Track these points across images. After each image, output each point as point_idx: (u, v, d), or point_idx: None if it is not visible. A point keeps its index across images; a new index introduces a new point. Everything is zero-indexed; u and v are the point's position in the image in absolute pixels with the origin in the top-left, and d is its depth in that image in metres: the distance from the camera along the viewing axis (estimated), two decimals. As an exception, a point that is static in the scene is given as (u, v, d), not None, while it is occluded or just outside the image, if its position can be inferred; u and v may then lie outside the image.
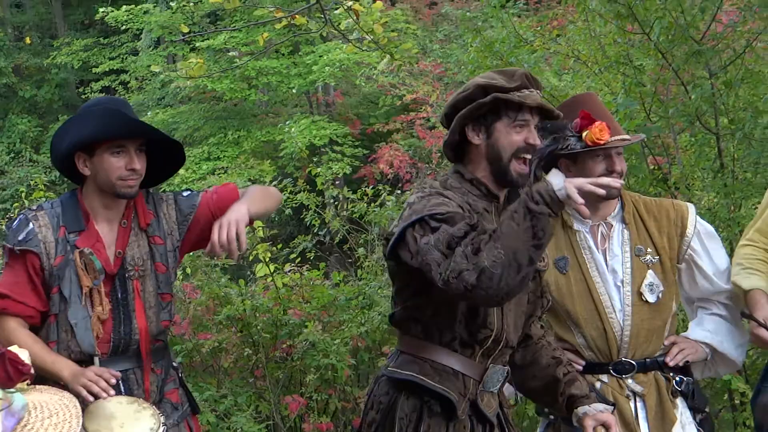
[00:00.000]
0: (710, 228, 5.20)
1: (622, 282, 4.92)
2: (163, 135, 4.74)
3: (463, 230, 3.98)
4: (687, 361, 5.01)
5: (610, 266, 4.95)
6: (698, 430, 4.96)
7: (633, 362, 4.88)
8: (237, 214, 4.46)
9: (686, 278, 5.05)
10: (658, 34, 9.45)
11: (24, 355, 2.99)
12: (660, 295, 4.91)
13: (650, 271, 4.92)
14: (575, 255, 4.95)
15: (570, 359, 4.77)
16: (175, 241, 4.74)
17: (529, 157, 4.25)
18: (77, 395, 4.04)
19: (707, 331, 5.03)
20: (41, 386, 3.19)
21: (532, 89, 4.28)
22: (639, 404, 4.90)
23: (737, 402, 9.18)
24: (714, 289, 5.05)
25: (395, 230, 4.22)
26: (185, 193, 4.92)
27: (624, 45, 9.88)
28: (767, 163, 9.16)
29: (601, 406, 4.42)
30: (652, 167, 9.35)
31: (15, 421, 2.21)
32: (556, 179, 3.96)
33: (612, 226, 4.98)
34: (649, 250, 4.94)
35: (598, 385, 4.94)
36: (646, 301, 4.90)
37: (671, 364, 4.95)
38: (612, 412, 4.52)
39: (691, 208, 5.12)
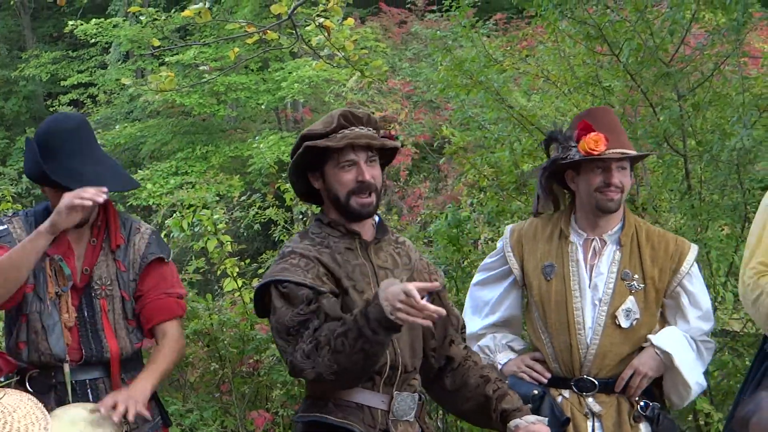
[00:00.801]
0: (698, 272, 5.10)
1: (600, 301, 4.88)
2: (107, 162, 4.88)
3: (298, 319, 4.15)
4: (650, 386, 4.96)
5: (593, 283, 4.92)
6: None
7: (595, 381, 4.85)
8: (140, 395, 4.48)
9: (670, 314, 5.00)
10: (627, 55, 9.44)
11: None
12: (634, 322, 4.87)
13: (631, 297, 4.88)
14: (563, 265, 4.93)
15: (534, 370, 4.92)
16: (135, 274, 4.70)
17: (364, 194, 4.31)
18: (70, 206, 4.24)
19: (671, 340, 4.92)
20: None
21: (352, 127, 4.29)
22: (597, 424, 4.85)
23: (702, 423, 9.12)
24: (693, 329, 4.98)
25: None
26: (157, 239, 4.91)
27: (593, 66, 9.86)
28: (734, 185, 9.11)
29: (533, 418, 4.37)
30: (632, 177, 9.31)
31: None
32: (384, 302, 3.90)
33: (606, 244, 4.95)
34: (636, 276, 4.90)
35: (559, 399, 4.92)
36: (619, 325, 4.85)
37: (633, 396, 4.93)
38: (563, 425, 4.67)
39: (693, 249, 5.08)
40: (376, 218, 4.49)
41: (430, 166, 14.65)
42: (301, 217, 12.75)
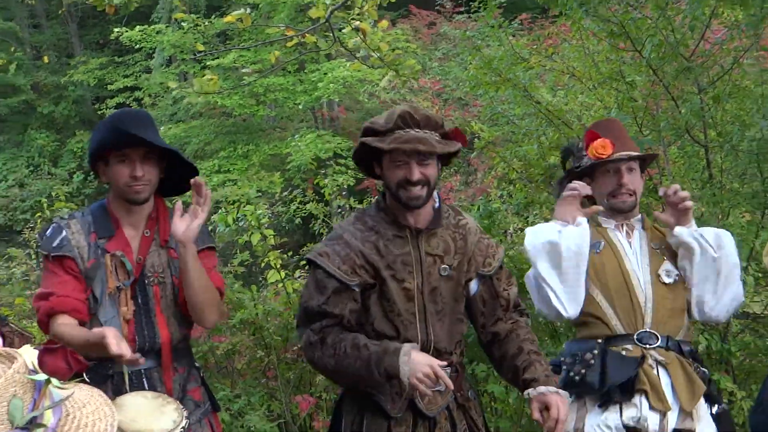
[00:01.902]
0: None
1: (642, 264, 5.03)
2: (156, 143, 4.65)
3: (318, 309, 4.40)
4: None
5: (634, 250, 5.06)
6: (713, 422, 4.94)
7: (657, 334, 4.90)
8: None
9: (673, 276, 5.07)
10: (650, 51, 9.42)
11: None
12: (676, 278, 5.01)
13: (666, 260, 5.05)
14: (607, 240, 5.07)
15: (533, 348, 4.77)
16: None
17: (414, 188, 4.36)
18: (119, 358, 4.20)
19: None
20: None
21: (408, 129, 4.32)
22: (662, 371, 4.88)
23: (725, 401, 9.11)
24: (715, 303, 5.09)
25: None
26: (205, 231, 4.93)
27: (616, 62, 9.85)
28: (754, 173, 9.11)
29: (543, 388, 4.41)
30: (645, 178, 9.30)
31: (60, 411, 2.11)
32: (404, 366, 4.14)
33: (633, 227, 5.12)
34: (663, 247, 5.09)
35: (623, 353, 4.94)
36: (664, 282, 4.98)
37: None
38: (638, 366, 4.75)
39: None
40: (436, 204, 4.53)
41: (460, 161, 14.63)
42: (339, 210, 12.78)
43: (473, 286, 4.58)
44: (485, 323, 4.63)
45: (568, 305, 4.93)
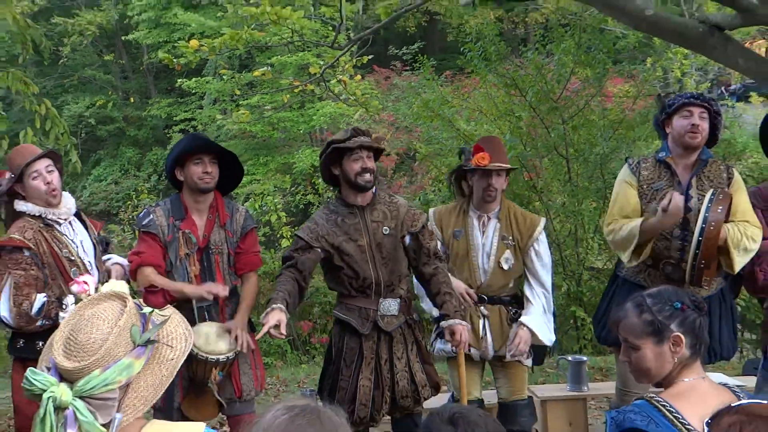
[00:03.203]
0: (544, 239, 5.01)
1: (490, 254, 4.82)
2: (222, 148, 4.70)
3: (287, 254, 4.51)
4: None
5: (484, 241, 4.86)
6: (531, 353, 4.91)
7: (485, 297, 4.79)
8: (242, 323, 4.47)
9: (528, 262, 4.86)
10: (531, 96, 9.51)
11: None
12: (511, 266, 4.80)
13: (508, 251, 4.81)
14: (466, 230, 4.86)
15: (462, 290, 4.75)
16: (237, 237, 4.65)
17: (366, 174, 4.39)
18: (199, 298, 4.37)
19: (534, 321, 4.83)
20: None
21: (359, 137, 4.41)
22: (486, 323, 4.80)
23: (579, 324, 9.19)
24: (538, 276, 4.90)
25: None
26: (249, 215, 4.88)
27: (509, 103, 9.94)
28: (597, 176, 9.21)
29: (452, 321, 4.37)
30: (527, 179, 9.33)
31: (156, 332, 2.13)
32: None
33: (490, 219, 4.87)
34: (510, 237, 4.84)
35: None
36: (502, 267, 4.79)
37: (511, 355, 4.82)
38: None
39: (542, 222, 4.99)
40: (374, 190, 4.51)
41: (406, 167, 14.66)
42: (327, 199, 12.80)
43: (407, 240, 4.52)
44: (416, 265, 4.56)
45: None
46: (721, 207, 4.17)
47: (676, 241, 4.37)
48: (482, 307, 4.78)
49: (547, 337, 4.88)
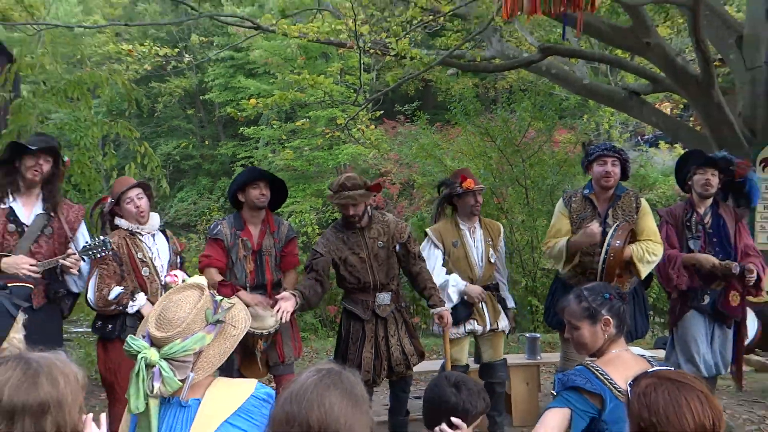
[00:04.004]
0: (503, 241, 5.02)
1: (482, 254, 4.76)
2: (273, 175, 4.67)
3: (308, 263, 4.33)
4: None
5: (476, 244, 4.80)
6: (506, 317, 4.84)
7: (481, 287, 4.71)
8: (288, 305, 4.25)
9: (496, 254, 4.85)
10: (499, 141, 9.48)
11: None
12: (493, 259, 4.77)
13: (490, 249, 4.80)
14: (461, 239, 4.77)
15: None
16: (281, 243, 4.60)
17: (353, 219, 4.30)
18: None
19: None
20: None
21: (345, 191, 4.25)
22: (483, 305, 4.71)
23: (534, 310, 9.15)
24: (503, 261, 4.93)
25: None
26: (291, 227, 4.83)
27: (483, 146, 9.89)
28: (548, 201, 9.17)
29: (438, 309, 4.35)
30: (496, 203, 9.31)
31: (223, 314, 2.13)
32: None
33: (476, 228, 4.81)
34: (489, 239, 4.81)
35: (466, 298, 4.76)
36: (490, 261, 4.75)
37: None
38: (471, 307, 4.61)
39: (501, 228, 5.01)
40: (369, 214, 4.43)
41: (407, 193, 14.66)
42: (335, 221, 12.81)
43: (397, 248, 4.44)
44: (405, 266, 4.48)
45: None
46: (619, 241, 4.26)
47: (596, 257, 4.37)
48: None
49: (512, 303, 5.02)
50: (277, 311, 4.18)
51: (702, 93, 6.11)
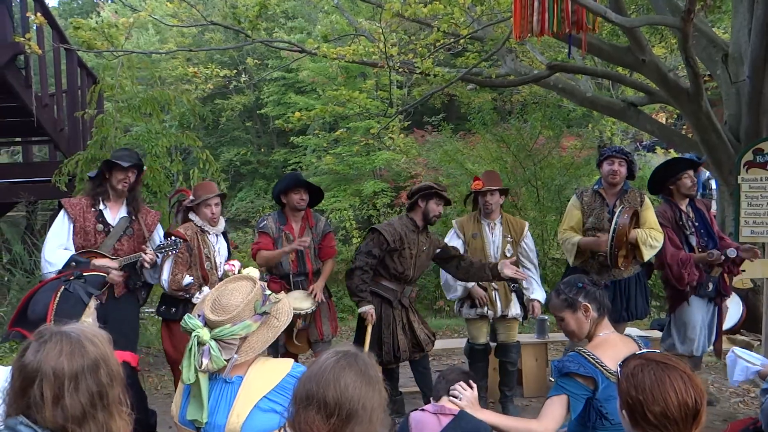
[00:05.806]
0: (530, 235, 4.90)
1: (498, 247, 4.70)
2: (310, 183, 4.64)
3: (369, 250, 4.26)
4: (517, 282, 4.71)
5: (493, 239, 4.73)
6: (520, 305, 4.76)
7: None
8: (320, 289, 4.43)
9: (522, 251, 4.77)
10: (514, 147, 9.35)
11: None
12: (510, 254, 4.68)
13: (508, 245, 4.72)
14: (481, 232, 4.73)
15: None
16: (319, 237, 4.60)
17: (435, 214, 4.32)
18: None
19: (539, 295, 4.74)
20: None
21: (440, 190, 4.33)
22: (495, 293, 4.69)
23: (546, 295, 9.02)
24: (531, 259, 4.79)
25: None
26: (328, 223, 4.79)
27: (499, 151, 9.77)
28: (556, 200, 9.07)
29: (500, 264, 4.24)
30: (511, 201, 9.21)
31: (270, 307, 2.12)
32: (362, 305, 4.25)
33: (495, 224, 4.76)
34: (509, 236, 4.73)
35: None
36: (506, 255, 4.66)
37: (532, 315, 4.77)
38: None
39: (527, 225, 4.90)
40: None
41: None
42: (401, 215, 12.79)
43: (437, 252, 4.45)
44: (445, 257, 4.45)
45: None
46: (626, 215, 4.32)
47: (605, 244, 4.38)
48: (493, 283, 4.69)
49: (545, 299, 4.85)
50: (311, 293, 4.32)
51: (692, 104, 5.98)
